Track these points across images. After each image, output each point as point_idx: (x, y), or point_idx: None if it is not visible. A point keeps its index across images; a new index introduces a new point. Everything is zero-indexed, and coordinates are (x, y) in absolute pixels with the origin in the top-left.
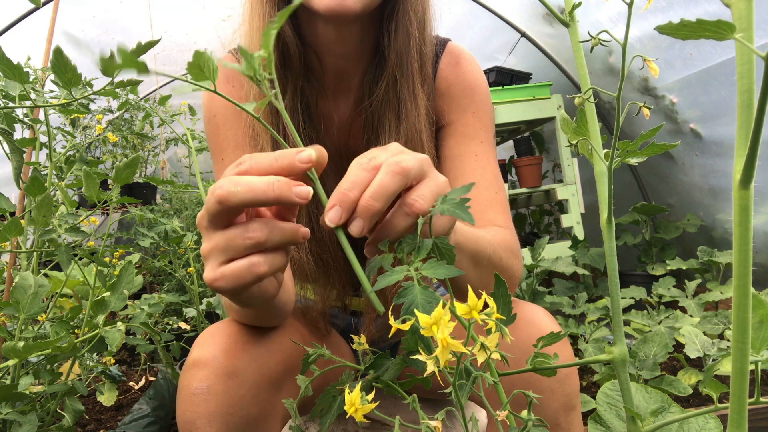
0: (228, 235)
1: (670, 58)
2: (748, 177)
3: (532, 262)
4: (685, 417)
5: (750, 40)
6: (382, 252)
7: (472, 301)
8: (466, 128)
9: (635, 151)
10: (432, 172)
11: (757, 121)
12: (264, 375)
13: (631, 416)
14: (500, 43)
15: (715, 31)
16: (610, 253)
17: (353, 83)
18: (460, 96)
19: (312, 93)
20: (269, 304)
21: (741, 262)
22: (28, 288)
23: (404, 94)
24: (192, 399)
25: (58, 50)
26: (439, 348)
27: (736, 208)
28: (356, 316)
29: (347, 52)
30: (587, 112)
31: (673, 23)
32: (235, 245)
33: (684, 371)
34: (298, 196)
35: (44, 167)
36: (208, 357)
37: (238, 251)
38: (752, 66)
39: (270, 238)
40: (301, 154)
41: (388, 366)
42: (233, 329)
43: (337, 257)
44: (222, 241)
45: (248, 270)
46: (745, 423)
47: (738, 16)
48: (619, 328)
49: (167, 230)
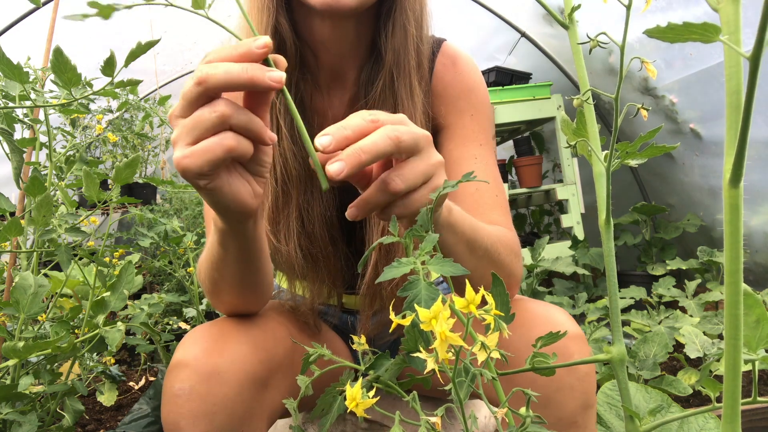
0: (196, 114)
1: (670, 58)
2: (737, 176)
3: (532, 262)
4: (682, 416)
5: (737, 42)
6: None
7: (470, 296)
8: (464, 131)
9: (634, 152)
10: (426, 152)
11: (744, 121)
12: (248, 373)
13: (629, 415)
14: (500, 43)
15: (702, 33)
16: (609, 254)
17: (348, 80)
18: (458, 98)
19: (307, 88)
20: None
21: (732, 259)
22: (28, 288)
23: (401, 92)
24: (175, 400)
25: (58, 50)
26: (438, 341)
27: (726, 206)
28: (350, 314)
29: (343, 50)
30: (586, 114)
31: (661, 27)
32: (202, 121)
33: (684, 371)
34: (271, 79)
35: (44, 167)
36: (189, 357)
37: (206, 128)
38: (740, 68)
39: (236, 116)
40: (257, 41)
41: (388, 366)
42: (215, 330)
43: (327, 252)
44: (189, 121)
45: (217, 143)
46: (738, 419)
47: (726, 20)
48: (618, 328)
49: (167, 230)
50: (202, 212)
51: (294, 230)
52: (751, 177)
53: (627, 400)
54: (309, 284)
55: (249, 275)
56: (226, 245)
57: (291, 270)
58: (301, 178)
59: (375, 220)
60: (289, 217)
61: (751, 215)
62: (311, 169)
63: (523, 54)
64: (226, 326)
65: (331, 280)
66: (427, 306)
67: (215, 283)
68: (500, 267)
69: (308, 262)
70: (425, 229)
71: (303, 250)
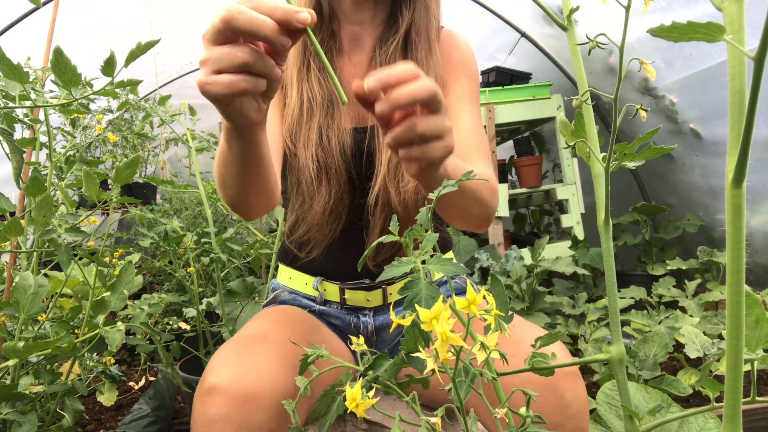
0: (224, 50)
1: (670, 58)
2: (740, 176)
3: (532, 262)
4: (681, 416)
5: (741, 42)
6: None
7: (470, 296)
8: (463, 89)
9: (633, 154)
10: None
11: (748, 121)
12: (281, 396)
13: (628, 415)
14: (500, 43)
15: (706, 33)
16: (608, 254)
17: (367, 45)
18: (458, 60)
19: (332, 48)
20: (251, 136)
21: (734, 259)
22: (28, 288)
23: (420, 52)
24: (211, 426)
25: (58, 50)
26: (439, 341)
27: (729, 206)
28: (353, 314)
29: (363, 20)
30: (585, 115)
31: (665, 26)
32: (227, 59)
33: (684, 371)
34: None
35: (44, 167)
36: (223, 381)
37: (228, 66)
38: (743, 68)
39: (255, 62)
40: (300, 15)
41: (387, 366)
42: (245, 350)
43: (338, 164)
44: (216, 54)
45: (237, 81)
46: (739, 419)
47: (729, 19)
48: (617, 328)
49: (167, 230)
50: (202, 212)
51: (313, 141)
52: (752, 177)
53: (626, 400)
54: (319, 197)
55: (249, 174)
56: (231, 144)
57: (306, 178)
58: (325, 102)
59: (381, 152)
60: (311, 130)
61: (752, 215)
62: (334, 99)
63: (523, 54)
64: (255, 345)
65: (339, 193)
66: (428, 306)
67: (222, 176)
68: (482, 204)
69: (320, 171)
70: (425, 229)
71: (318, 160)
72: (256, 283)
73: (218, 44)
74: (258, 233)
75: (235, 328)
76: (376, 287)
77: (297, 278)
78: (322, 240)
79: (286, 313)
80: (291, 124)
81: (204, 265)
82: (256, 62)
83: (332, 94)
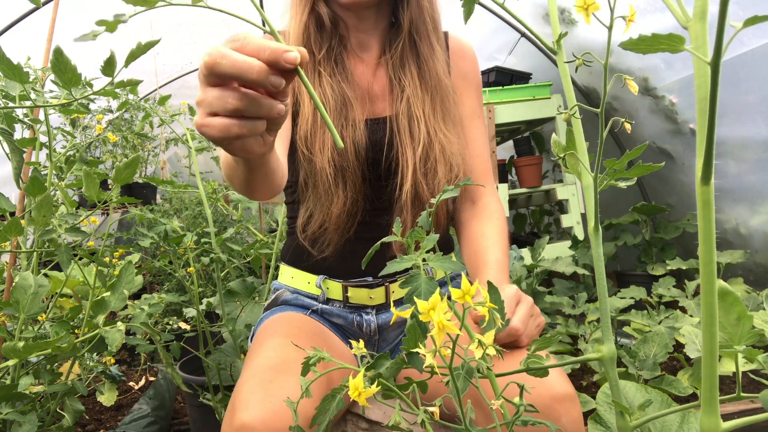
0: (215, 94)
1: (670, 59)
2: (707, 174)
3: (532, 262)
4: (669, 412)
5: (705, 55)
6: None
7: (465, 287)
8: (473, 103)
9: (622, 171)
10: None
11: (710, 125)
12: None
13: (620, 411)
14: (500, 43)
15: (669, 44)
16: (598, 258)
17: (373, 48)
18: (468, 71)
19: (342, 51)
20: (256, 161)
21: (706, 251)
22: (28, 288)
23: (423, 50)
24: None
25: (58, 50)
26: (435, 329)
27: (699, 203)
28: (356, 312)
29: (367, 28)
30: (574, 128)
31: (633, 39)
32: (218, 104)
33: (684, 371)
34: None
35: (44, 167)
36: (257, 421)
37: (220, 110)
38: (707, 78)
39: (247, 107)
40: (288, 54)
41: (388, 365)
42: (275, 385)
43: (354, 167)
44: (210, 97)
45: (228, 127)
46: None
47: (694, 36)
48: (608, 327)
49: (167, 230)
50: (202, 212)
51: (329, 145)
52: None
53: (617, 396)
54: (335, 199)
55: (255, 180)
56: (237, 162)
57: (323, 182)
58: (338, 105)
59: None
60: (326, 134)
61: (751, 215)
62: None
63: (523, 54)
64: (280, 376)
65: (355, 195)
66: (426, 298)
67: (229, 176)
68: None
69: (337, 173)
70: (426, 230)
71: (334, 165)
72: (256, 283)
73: (210, 86)
74: (258, 233)
75: (235, 328)
76: (379, 285)
77: (299, 277)
78: (338, 240)
79: (295, 325)
80: (306, 131)
81: (204, 265)
82: (249, 107)
83: (344, 96)
